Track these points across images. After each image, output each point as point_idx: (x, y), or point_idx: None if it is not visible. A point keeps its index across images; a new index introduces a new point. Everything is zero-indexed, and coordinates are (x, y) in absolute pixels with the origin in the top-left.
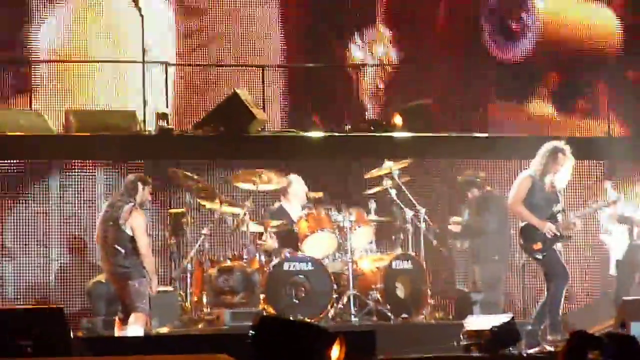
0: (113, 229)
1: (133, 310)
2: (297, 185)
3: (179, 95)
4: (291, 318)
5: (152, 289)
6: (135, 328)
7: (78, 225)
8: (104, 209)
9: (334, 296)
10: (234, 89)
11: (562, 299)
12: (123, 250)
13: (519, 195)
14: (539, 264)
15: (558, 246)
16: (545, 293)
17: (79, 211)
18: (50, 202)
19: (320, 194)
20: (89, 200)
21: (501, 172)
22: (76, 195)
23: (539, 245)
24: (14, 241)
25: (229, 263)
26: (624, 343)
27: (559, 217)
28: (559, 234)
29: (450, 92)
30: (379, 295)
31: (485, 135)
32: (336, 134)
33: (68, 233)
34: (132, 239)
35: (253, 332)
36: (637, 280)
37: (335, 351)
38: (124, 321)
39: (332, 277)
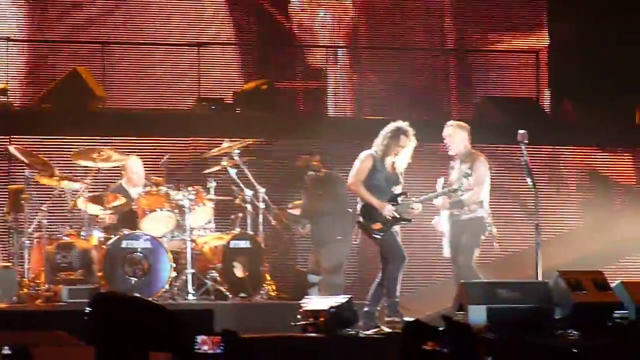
0: None
1: None
2: (136, 165)
3: (19, 71)
4: (128, 295)
5: None
6: None
7: None
8: None
9: (172, 274)
10: (74, 67)
11: (399, 281)
12: None
13: (359, 175)
14: (376, 244)
15: (396, 228)
16: (381, 274)
17: None
18: None
19: (161, 179)
20: None
21: (341, 153)
22: None
23: (378, 226)
24: None
25: (67, 240)
26: (459, 332)
27: (399, 199)
28: (398, 217)
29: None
30: (217, 275)
31: (328, 115)
32: (177, 112)
33: None
34: None
35: (89, 309)
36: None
37: None
38: None
39: (171, 256)
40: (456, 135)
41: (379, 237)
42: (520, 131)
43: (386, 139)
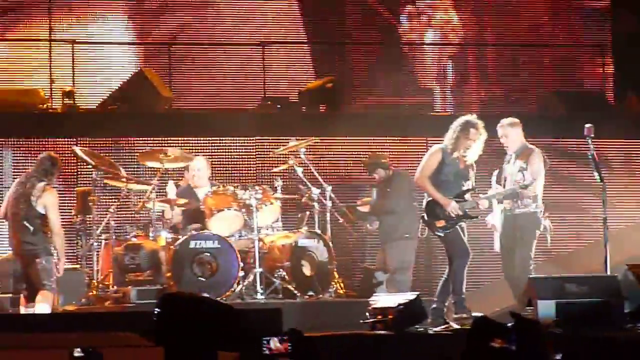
0: (25, 206)
1: (40, 289)
2: (199, 163)
3: (85, 73)
4: (196, 295)
5: (60, 269)
6: (42, 306)
7: None
8: (14, 186)
9: (240, 274)
10: (139, 67)
11: (464, 277)
12: (31, 227)
13: (425, 170)
14: (441, 240)
15: (462, 223)
16: (447, 270)
17: None
18: None
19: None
20: None
21: (410, 149)
22: None
23: (441, 223)
24: None
25: (135, 241)
26: (527, 328)
27: (467, 196)
28: (462, 213)
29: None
30: (285, 273)
31: (392, 112)
32: (243, 111)
33: None
34: (42, 217)
35: (158, 310)
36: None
37: None
38: (29, 299)
39: (238, 255)
40: (511, 134)
41: (441, 234)
42: (587, 125)
43: (456, 132)
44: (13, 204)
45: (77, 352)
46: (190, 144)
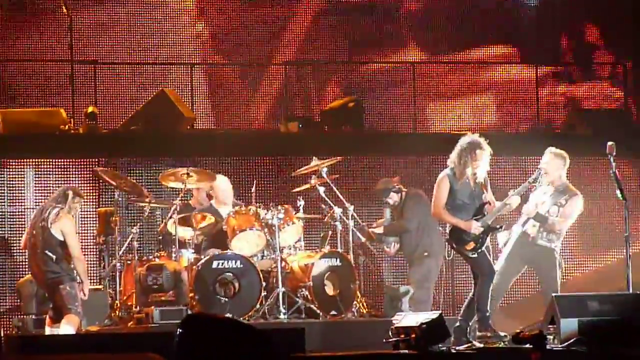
0: (43, 234)
1: (67, 312)
2: (223, 183)
3: (107, 94)
4: (219, 316)
5: (85, 292)
6: (67, 328)
7: (8, 225)
8: (33, 215)
9: (263, 294)
10: (161, 88)
11: (489, 295)
12: (54, 256)
13: (438, 201)
14: (467, 261)
15: (487, 243)
16: (472, 289)
17: (9, 210)
18: None
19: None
20: (18, 199)
21: (426, 168)
22: (6, 195)
23: (470, 246)
24: None
25: (157, 261)
26: None
27: (485, 210)
28: (485, 228)
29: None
30: (307, 293)
31: (412, 132)
32: (264, 131)
33: None
34: (62, 244)
35: (180, 330)
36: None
37: None
38: (55, 319)
39: (261, 275)
40: (551, 163)
41: (475, 255)
42: (609, 143)
43: (461, 156)
44: (31, 233)
45: None
46: (212, 164)
